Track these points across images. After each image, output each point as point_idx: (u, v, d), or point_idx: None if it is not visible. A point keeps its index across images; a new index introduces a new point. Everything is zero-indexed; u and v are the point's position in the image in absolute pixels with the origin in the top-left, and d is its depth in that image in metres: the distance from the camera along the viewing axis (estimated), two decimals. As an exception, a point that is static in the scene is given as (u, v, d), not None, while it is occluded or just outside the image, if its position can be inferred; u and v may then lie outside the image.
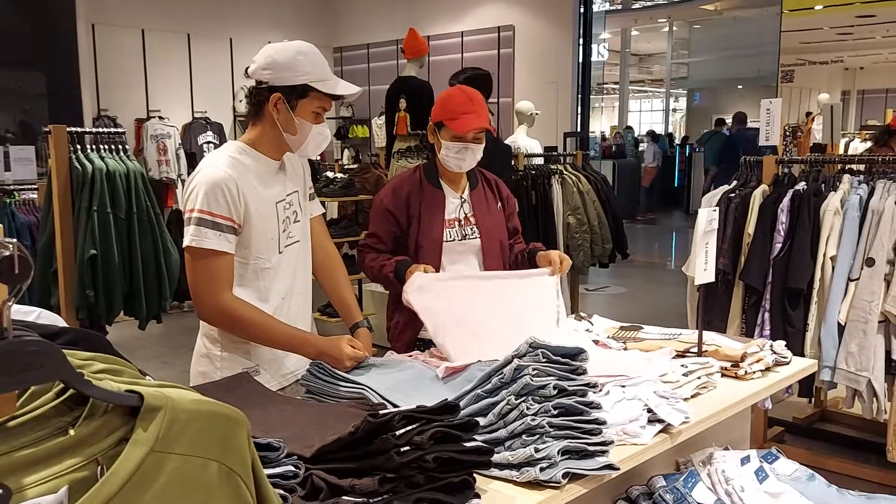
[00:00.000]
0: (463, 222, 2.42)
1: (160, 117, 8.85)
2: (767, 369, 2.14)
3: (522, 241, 2.62)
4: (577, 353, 1.60)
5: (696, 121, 17.70)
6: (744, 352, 2.11)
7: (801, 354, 3.10)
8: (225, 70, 9.64)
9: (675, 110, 19.47)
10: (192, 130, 9.06)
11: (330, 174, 5.84)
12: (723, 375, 2.08)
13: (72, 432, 0.68)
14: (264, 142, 1.96)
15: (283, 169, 2.03)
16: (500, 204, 2.53)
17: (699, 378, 1.98)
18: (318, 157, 7.84)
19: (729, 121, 14.95)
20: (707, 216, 2.14)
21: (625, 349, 2.24)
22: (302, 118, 1.93)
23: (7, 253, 0.58)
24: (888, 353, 3.05)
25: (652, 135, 14.25)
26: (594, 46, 15.95)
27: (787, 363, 2.21)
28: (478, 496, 1.37)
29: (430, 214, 2.37)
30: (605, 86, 23.98)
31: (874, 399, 3.04)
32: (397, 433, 1.31)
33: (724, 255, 3.35)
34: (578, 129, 9.11)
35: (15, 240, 0.58)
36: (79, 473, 0.66)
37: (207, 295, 1.84)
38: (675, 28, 17.44)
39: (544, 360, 1.55)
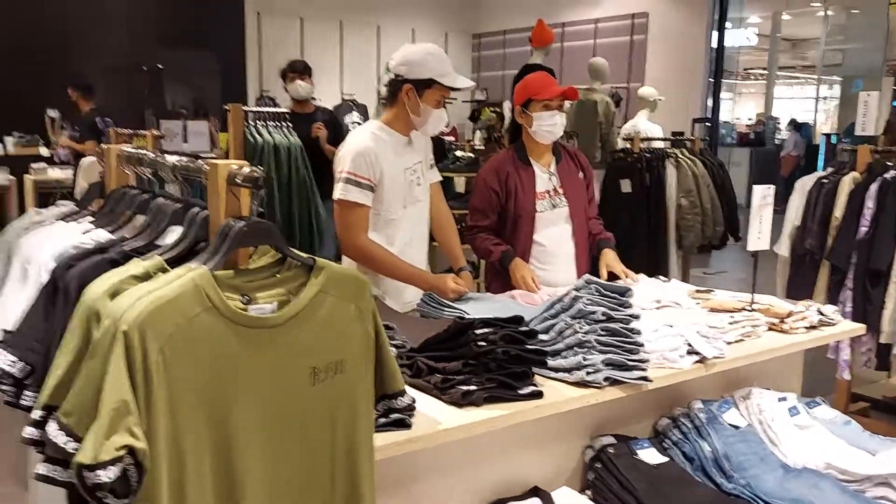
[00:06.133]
0: (552, 193, 2.82)
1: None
2: (812, 327, 2.47)
3: (595, 215, 2.98)
4: (624, 291, 2.04)
5: (849, 109, 16.84)
6: (790, 310, 2.45)
7: (879, 330, 3.34)
8: (371, 55, 10.42)
9: (825, 98, 18.57)
10: (339, 111, 9.89)
11: (459, 153, 6.39)
12: (770, 329, 2.43)
13: (278, 276, 1.24)
14: (397, 121, 2.52)
15: (410, 143, 2.58)
16: (581, 173, 2.94)
17: (744, 327, 2.35)
18: (451, 138, 8.43)
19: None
20: (762, 192, 2.48)
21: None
22: (426, 104, 2.46)
23: (258, 174, 1.15)
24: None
25: (794, 123, 13.80)
26: (741, 31, 15.49)
27: (834, 325, 2.52)
28: (541, 394, 1.85)
29: (524, 190, 2.79)
30: (752, 71, 23.11)
31: (947, 375, 3.23)
32: (477, 332, 1.82)
33: (812, 235, 3.61)
34: (709, 116, 9.19)
35: (260, 168, 1.14)
36: (282, 298, 1.22)
37: (350, 237, 2.43)
38: (830, 13, 16.66)
39: (596, 293, 2.01)
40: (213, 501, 1.12)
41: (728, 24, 9.51)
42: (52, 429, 1.05)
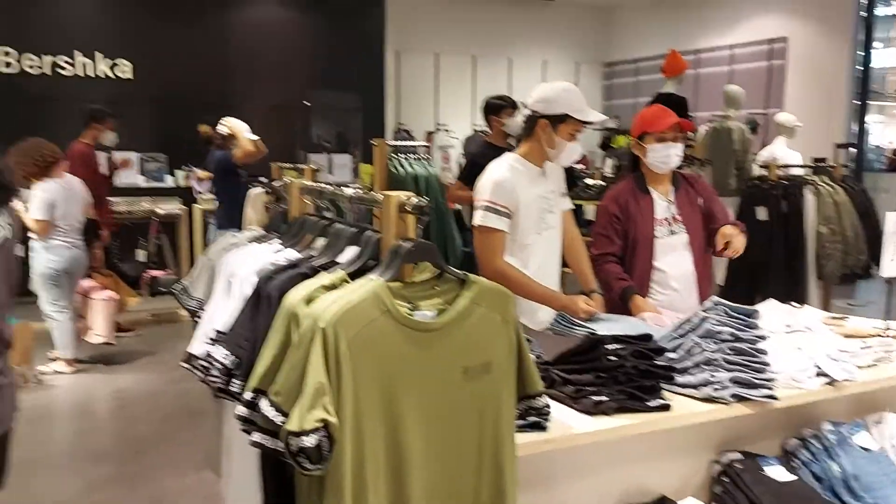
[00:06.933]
0: (671, 221, 2.92)
1: (446, 130, 10.16)
2: (951, 355, 2.43)
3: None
4: (752, 313, 2.14)
5: None
6: (927, 337, 2.44)
7: None
8: (503, 88, 10.71)
9: None
10: (471, 141, 10.25)
11: (589, 181, 6.53)
12: (905, 357, 2.42)
13: (436, 288, 1.47)
14: (532, 154, 2.73)
15: (544, 173, 2.78)
16: (700, 199, 3.00)
17: (876, 352, 2.37)
18: (582, 166, 8.57)
19: None
20: (895, 219, 2.49)
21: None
22: (561, 137, 2.66)
23: (424, 203, 1.39)
24: None
25: (951, 146, 12.84)
26: (892, 51, 14.65)
27: (976, 353, 2.47)
28: (668, 406, 1.98)
29: (642, 217, 2.91)
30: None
31: None
32: (607, 347, 1.98)
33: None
34: (854, 140, 8.81)
35: (426, 199, 1.39)
36: (440, 306, 1.46)
37: (488, 260, 2.65)
38: None
39: (724, 314, 2.12)
40: (385, 472, 1.36)
41: (878, 44, 9.12)
42: (265, 405, 1.32)
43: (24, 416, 2.03)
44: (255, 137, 5.49)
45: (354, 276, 1.51)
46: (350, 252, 1.65)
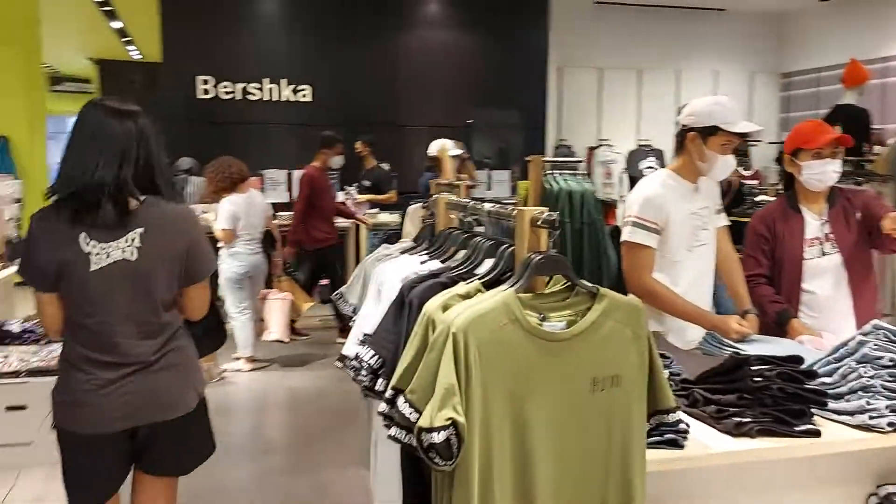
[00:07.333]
0: (823, 240, 2.76)
1: (608, 145, 10.04)
2: None
3: None
4: (918, 339, 1.99)
5: None
6: None
7: None
8: (670, 100, 10.44)
9: None
10: (634, 156, 10.05)
11: (761, 197, 6.22)
12: None
13: (567, 300, 1.53)
14: (684, 169, 2.69)
15: (697, 189, 2.73)
16: (858, 214, 2.78)
17: None
18: (755, 181, 8.16)
19: None
20: None
21: None
22: (711, 150, 2.60)
23: (553, 217, 1.45)
24: None
25: None
26: None
27: None
28: (818, 432, 1.89)
29: (791, 236, 2.78)
30: None
31: None
32: (753, 367, 1.93)
33: None
34: None
35: (556, 213, 1.45)
36: (570, 318, 1.51)
37: (635, 276, 2.64)
38: None
39: (884, 339, 1.99)
40: (512, 471, 1.43)
41: None
42: (401, 403, 1.43)
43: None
44: (459, 152, 5.68)
45: (490, 286, 1.59)
46: (487, 263, 1.74)
